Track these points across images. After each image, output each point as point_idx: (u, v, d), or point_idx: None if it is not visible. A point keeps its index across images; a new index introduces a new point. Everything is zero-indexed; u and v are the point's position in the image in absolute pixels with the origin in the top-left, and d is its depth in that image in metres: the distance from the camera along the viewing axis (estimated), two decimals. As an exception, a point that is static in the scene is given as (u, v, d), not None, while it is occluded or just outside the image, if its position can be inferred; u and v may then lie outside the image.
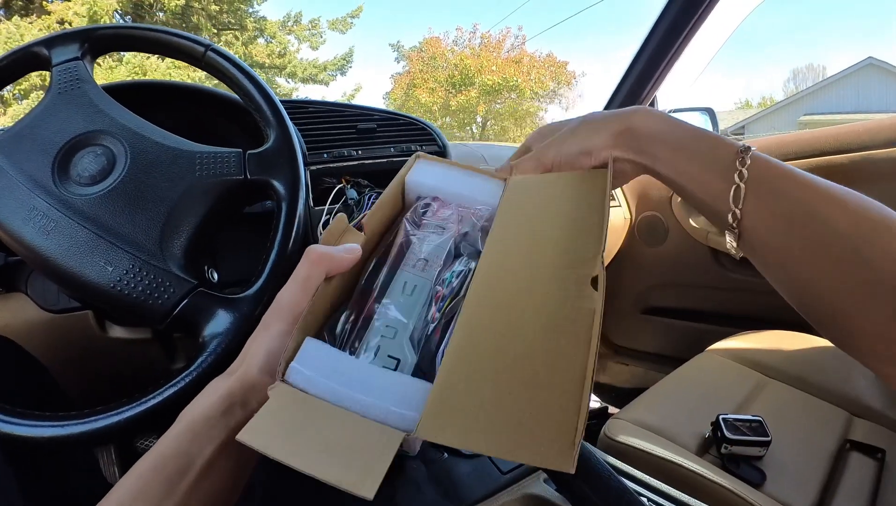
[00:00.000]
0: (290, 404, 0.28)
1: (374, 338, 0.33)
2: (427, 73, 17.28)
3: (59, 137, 0.51)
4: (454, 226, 0.39)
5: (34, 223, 0.46)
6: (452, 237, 0.38)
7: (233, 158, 0.52)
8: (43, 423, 0.42)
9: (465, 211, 0.40)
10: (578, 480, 0.38)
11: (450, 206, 0.41)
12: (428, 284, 0.35)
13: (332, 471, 0.25)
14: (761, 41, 64.42)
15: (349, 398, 0.28)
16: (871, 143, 0.95)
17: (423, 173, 0.43)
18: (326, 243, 0.35)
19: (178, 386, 0.43)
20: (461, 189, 0.42)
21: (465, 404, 0.27)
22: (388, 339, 0.33)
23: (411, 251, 0.37)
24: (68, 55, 0.55)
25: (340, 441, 0.26)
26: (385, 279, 0.36)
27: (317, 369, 0.30)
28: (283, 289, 0.34)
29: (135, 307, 0.45)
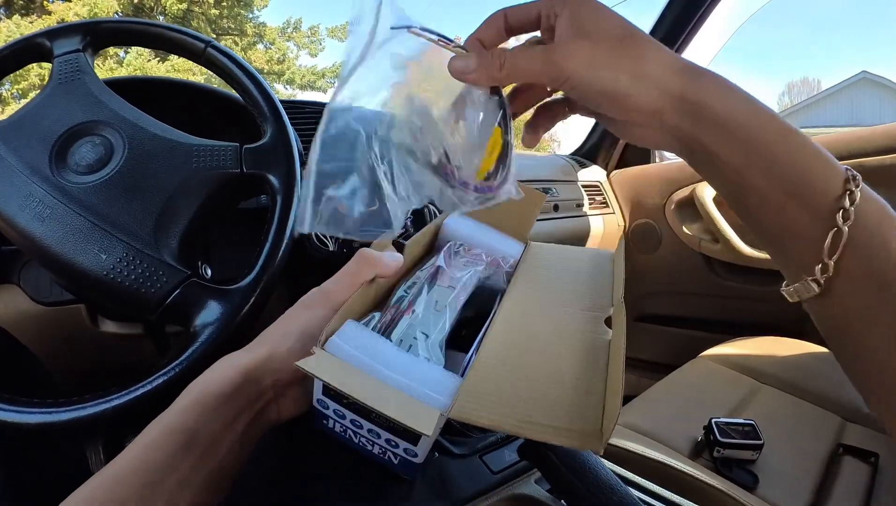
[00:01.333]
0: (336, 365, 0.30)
1: (404, 338, 0.36)
2: (425, 81, 17.35)
3: (58, 126, 0.51)
4: (483, 265, 0.44)
5: (30, 210, 0.46)
6: (479, 274, 0.43)
7: (229, 151, 0.52)
8: (30, 409, 0.42)
9: (492, 257, 0.46)
10: (570, 475, 0.38)
11: (479, 252, 0.46)
12: (455, 305, 0.39)
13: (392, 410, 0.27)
14: (756, 54, 65.17)
15: (386, 377, 0.30)
16: (863, 151, 0.96)
17: (457, 224, 0.49)
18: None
19: (168, 376, 0.43)
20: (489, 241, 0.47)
21: (497, 393, 0.30)
22: (417, 341, 0.35)
23: (444, 276, 0.41)
24: (70, 47, 0.55)
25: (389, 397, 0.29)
26: (416, 292, 0.39)
27: (357, 347, 0.31)
28: (330, 279, 0.37)
29: (127, 296, 0.45)
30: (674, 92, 0.28)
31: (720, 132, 0.28)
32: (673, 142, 0.31)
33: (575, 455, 0.39)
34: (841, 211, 0.25)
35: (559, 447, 0.38)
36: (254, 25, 12.30)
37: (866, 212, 0.26)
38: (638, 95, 0.28)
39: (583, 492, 0.37)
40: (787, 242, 0.28)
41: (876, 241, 0.25)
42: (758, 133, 0.28)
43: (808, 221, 0.26)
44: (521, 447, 0.44)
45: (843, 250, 0.25)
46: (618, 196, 1.41)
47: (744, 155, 0.28)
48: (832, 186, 0.26)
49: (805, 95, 23.66)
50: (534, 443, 0.37)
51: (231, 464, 0.33)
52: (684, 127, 0.29)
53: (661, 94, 0.28)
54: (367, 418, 0.34)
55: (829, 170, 0.27)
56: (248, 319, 0.46)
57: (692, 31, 1.18)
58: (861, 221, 0.25)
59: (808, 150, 0.27)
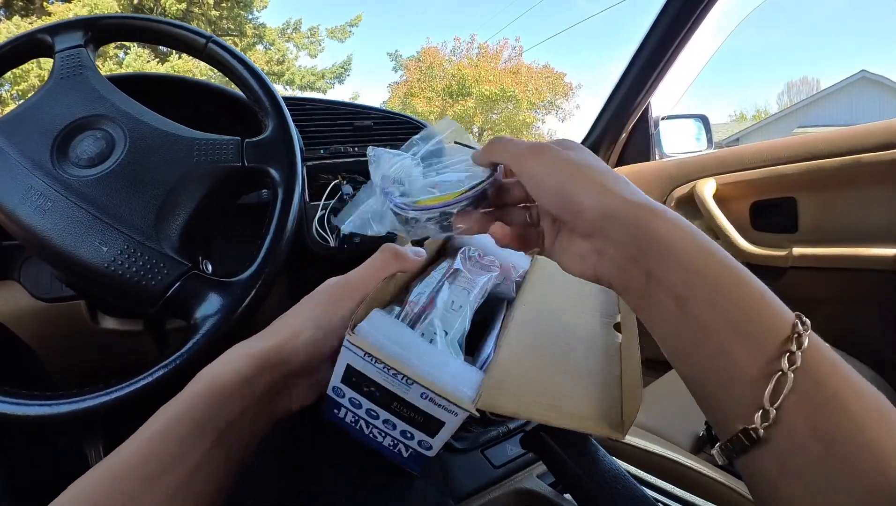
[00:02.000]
0: (380, 343, 0.32)
1: (425, 332, 0.37)
2: (424, 82, 17.37)
3: (60, 120, 0.51)
4: (497, 271, 0.46)
5: (31, 202, 0.46)
6: (492, 279, 0.45)
7: (231, 145, 0.52)
8: (29, 401, 0.42)
9: (505, 265, 0.48)
10: (576, 467, 0.38)
11: (493, 258, 0.48)
12: (472, 305, 0.41)
13: (437, 381, 0.30)
14: (756, 54, 65.25)
15: (413, 365, 0.32)
16: (862, 147, 0.96)
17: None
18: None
19: (169, 368, 0.43)
20: (499, 249, 0.49)
21: (519, 385, 0.32)
22: (437, 336, 0.37)
23: (461, 277, 0.43)
24: (71, 42, 0.56)
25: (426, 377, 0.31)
26: (436, 289, 0.41)
27: (385, 335, 0.33)
28: (354, 271, 0.37)
29: (128, 288, 0.45)
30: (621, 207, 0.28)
31: (664, 255, 0.27)
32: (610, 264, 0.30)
33: (580, 447, 0.39)
34: (787, 354, 0.23)
35: (563, 439, 0.38)
36: (253, 26, 12.31)
37: (815, 359, 0.23)
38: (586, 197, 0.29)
39: (588, 484, 0.37)
40: (725, 387, 0.25)
41: (826, 392, 0.23)
42: (703, 262, 0.26)
43: (751, 362, 0.24)
44: (523, 439, 0.44)
45: (787, 398, 0.23)
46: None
47: (687, 283, 0.26)
48: (779, 326, 0.24)
49: (804, 95, 23.67)
50: (537, 434, 0.37)
51: (240, 455, 0.32)
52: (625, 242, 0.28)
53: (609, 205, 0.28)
54: (387, 408, 0.35)
55: (776, 310, 0.25)
56: (249, 311, 0.46)
57: (688, 33, 1.18)
58: (809, 369, 0.23)
59: (755, 287, 0.26)
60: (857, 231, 1.01)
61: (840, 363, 0.24)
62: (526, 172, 0.32)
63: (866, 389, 0.23)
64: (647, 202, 0.28)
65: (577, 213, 0.29)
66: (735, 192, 1.16)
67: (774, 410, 0.23)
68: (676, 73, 1.28)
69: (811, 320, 0.25)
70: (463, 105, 16.34)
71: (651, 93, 1.31)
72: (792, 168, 1.05)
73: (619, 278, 0.29)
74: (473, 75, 16.38)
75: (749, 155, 1.12)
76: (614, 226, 0.28)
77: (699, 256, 0.26)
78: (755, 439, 0.24)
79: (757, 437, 0.24)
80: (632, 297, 0.29)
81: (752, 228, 1.16)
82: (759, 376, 0.24)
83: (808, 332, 0.24)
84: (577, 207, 0.29)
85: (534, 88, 17.01)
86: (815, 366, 0.23)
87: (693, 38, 1.20)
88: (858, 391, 0.23)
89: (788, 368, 0.23)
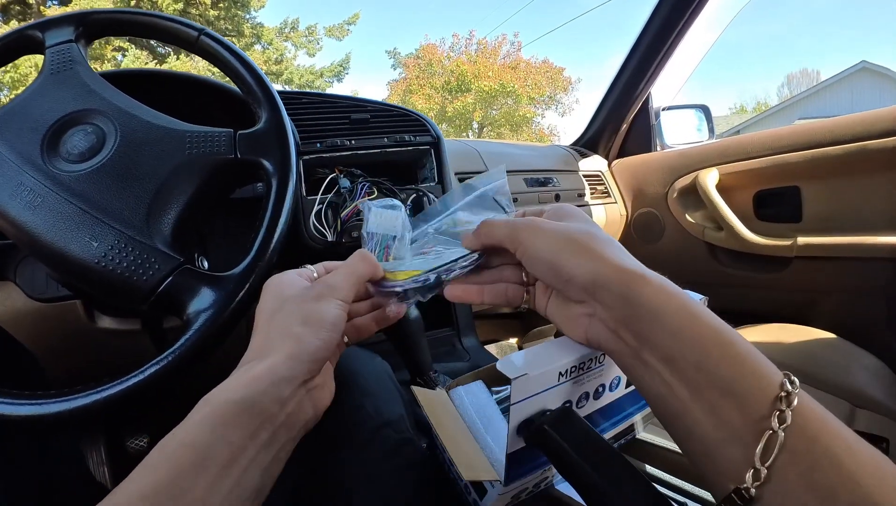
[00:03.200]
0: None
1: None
2: (423, 79, 17.37)
3: (50, 116, 0.50)
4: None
5: (21, 198, 0.45)
6: None
7: (224, 137, 0.51)
8: (21, 401, 0.41)
9: None
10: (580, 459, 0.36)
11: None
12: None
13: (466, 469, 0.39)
14: (756, 46, 65.02)
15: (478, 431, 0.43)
16: (866, 134, 0.95)
17: None
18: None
19: (162, 364, 0.42)
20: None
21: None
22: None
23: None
24: (62, 38, 0.55)
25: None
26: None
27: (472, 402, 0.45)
28: (333, 274, 0.38)
29: (119, 284, 0.44)
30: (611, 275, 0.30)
31: (652, 320, 0.28)
32: (602, 328, 0.31)
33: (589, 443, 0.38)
34: (777, 413, 0.24)
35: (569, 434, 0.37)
36: (251, 26, 12.30)
37: (805, 417, 0.24)
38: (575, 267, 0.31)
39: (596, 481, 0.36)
40: (716, 447, 0.26)
41: (817, 448, 0.23)
42: (690, 325, 0.27)
43: (741, 422, 0.25)
44: (529, 434, 0.42)
45: (779, 457, 0.23)
46: (619, 185, 1.40)
47: (675, 345, 0.27)
48: (767, 386, 0.25)
49: (805, 87, 23.59)
50: (542, 429, 0.36)
51: (256, 481, 0.30)
52: (615, 308, 0.29)
53: (599, 273, 0.30)
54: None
55: (764, 369, 0.26)
56: (243, 306, 0.45)
57: (688, 22, 1.17)
58: (799, 426, 0.24)
59: (742, 348, 0.26)
60: (861, 220, 1.00)
61: (831, 419, 0.24)
62: (519, 249, 0.34)
63: (859, 442, 0.24)
64: (636, 268, 0.30)
65: (568, 281, 0.31)
66: (738, 181, 1.15)
67: (766, 468, 0.23)
68: (676, 63, 1.27)
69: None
70: (462, 101, 16.33)
71: (651, 83, 1.29)
72: (795, 157, 1.04)
73: (610, 342, 0.30)
74: (472, 71, 16.36)
75: (752, 144, 1.11)
76: (604, 292, 0.30)
77: (686, 319, 0.27)
78: (747, 498, 0.24)
79: (749, 496, 0.24)
80: (623, 359, 0.30)
81: (755, 217, 1.15)
82: (749, 436, 0.24)
83: (796, 390, 0.24)
84: (568, 276, 0.31)
85: (533, 83, 16.99)
86: (805, 423, 0.24)
87: (692, 28, 1.19)
88: (851, 445, 0.23)
89: (779, 426, 0.23)
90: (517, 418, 0.34)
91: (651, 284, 0.29)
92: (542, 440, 0.35)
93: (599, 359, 0.37)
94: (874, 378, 0.91)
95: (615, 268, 0.30)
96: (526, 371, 0.32)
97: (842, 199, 1.02)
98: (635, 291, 0.29)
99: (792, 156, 1.04)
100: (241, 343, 0.36)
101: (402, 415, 0.49)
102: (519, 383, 0.32)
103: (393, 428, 0.47)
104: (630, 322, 0.29)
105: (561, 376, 0.35)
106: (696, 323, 0.27)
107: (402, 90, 17.67)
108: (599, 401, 0.41)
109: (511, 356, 0.34)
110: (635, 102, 1.34)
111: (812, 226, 1.06)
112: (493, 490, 0.40)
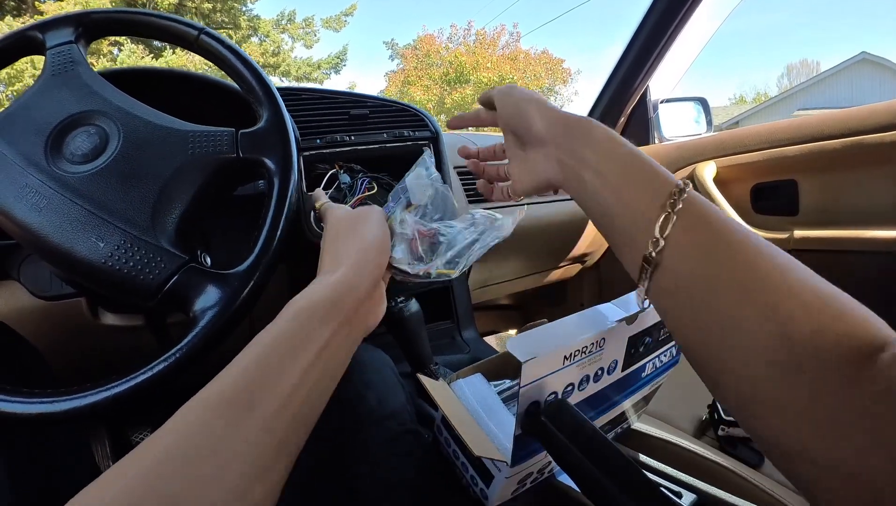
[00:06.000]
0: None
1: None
2: (422, 70, 17.27)
3: (53, 118, 0.50)
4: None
5: (26, 200, 0.46)
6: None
7: (225, 136, 0.51)
8: (30, 400, 0.42)
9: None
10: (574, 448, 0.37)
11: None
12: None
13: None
14: (756, 36, 64.60)
15: (481, 419, 0.45)
16: (863, 128, 0.95)
17: None
18: None
19: (169, 362, 0.43)
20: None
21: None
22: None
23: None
24: (62, 38, 0.55)
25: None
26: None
27: (473, 394, 0.47)
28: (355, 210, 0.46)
29: (125, 283, 0.45)
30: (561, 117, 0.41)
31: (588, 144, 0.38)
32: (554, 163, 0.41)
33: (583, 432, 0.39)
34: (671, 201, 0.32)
35: (564, 423, 0.38)
36: (248, 18, 12.21)
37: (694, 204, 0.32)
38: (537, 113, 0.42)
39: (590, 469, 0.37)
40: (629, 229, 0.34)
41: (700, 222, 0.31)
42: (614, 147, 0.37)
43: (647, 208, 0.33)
44: (525, 423, 0.44)
45: (675, 228, 0.31)
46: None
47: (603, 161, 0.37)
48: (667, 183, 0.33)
49: (804, 77, 23.48)
50: (538, 418, 0.37)
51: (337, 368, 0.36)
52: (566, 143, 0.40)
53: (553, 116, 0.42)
54: (462, 451, 0.46)
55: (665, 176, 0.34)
56: (248, 302, 0.46)
57: (686, 14, 1.16)
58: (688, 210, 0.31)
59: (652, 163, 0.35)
60: (858, 213, 1.00)
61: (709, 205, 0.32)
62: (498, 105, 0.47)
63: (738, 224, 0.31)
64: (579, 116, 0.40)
65: (529, 125, 0.43)
66: (735, 174, 1.15)
67: (663, 239, 0.31)
68: (675, 55, 1.27)
69: None
70: (461, 92, 16.24)
71: (650, 75, 1.29)
72: (793, 150, 1.04)
73: (561, 173, 0.40)
74: (471, 62, 16.27)
75: (749, 137, 1.11)
76: (557, 129, 0.40)
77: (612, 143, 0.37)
78: (651, 260, 0.32)
79: (651, 258, 0.32)
80: (569, 184, 0.40)
81: (753, 210, 1.15)
82: (653, 216, 0.32)
83: (688, 188, 0.32)
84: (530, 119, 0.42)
85: (532, 75, 16.91)
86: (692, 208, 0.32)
87: (691, 20, 1.18)
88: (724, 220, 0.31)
89: (672, 210, 0.31)
90: (526, 401, 0.36)
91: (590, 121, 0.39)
92: (538, 430, 0.36)
93: (599, 343, 0.41)
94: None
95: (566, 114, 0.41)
96: (535, 355, 0.35)
97: (838, 193, 1.02)
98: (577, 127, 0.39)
99: (789, 149, 1.04)
100: (243, 339, 0.37)
101: (405, 407, 0.50)
102: (529, 367, 0.35)
103: (396, 419, 0.48)
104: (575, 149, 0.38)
105: (565, 360, 0.38)
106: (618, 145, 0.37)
107: (400, 82, 17.59)
108: (599, 383, 0.43)
109: (518, 338, 0.37)
110: (633, 95, 1.34)
111: (808, 219, 1.07)
112: (499, 474, 0.42)
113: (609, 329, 0.41)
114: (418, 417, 0.52)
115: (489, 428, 0.44)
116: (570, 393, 0.40)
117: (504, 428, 0.44)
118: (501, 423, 0.45)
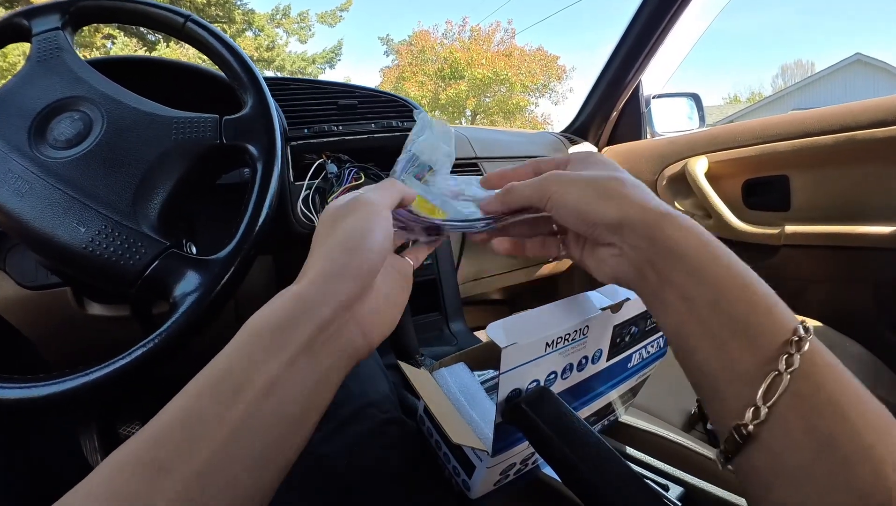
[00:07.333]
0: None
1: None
2: (416, 66, 17.24)
3: (37, 103, 0.50)
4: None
5: (8, 185, 0.46)
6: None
7: (209, 123, 0.51)
8: (10, 385, 0.42)
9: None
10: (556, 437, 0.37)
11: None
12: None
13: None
14: (750, 36, 64.87)
15: (463, 407, 0.44)
16: (855, 124, 0.96)
17: None
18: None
19: (148, 347, 0.42)
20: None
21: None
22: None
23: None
24: (48, 25, 0.55)
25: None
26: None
27: (456, 382, 0.46)
28: (368, 188, 0.35)
29: (106, 268, 0.44)
30: (637, 215, 0.30)
31: (674, 258, 0.28)
32: (628, 266, 0.31)
33: (564, 422, 0.39)
34: (785, 356, 0.24)
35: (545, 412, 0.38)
36: (242, 12, 12.14)
37: (814, 364, 0.24)
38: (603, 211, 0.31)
39: (571, 459, 0.36)
40: (723, 386, 0.26)
41: (822, 395, 0.23)
42: (709, 265, 0.28)
43: (749, 362, 0.25)
44: (505, 411, 0.43)
45: (782, 398, 0.24)
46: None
47: (692, 284, 0.28)
48: (780, 330, 0.25)
49: (799, 78, 23.60)
50: (519, 407, 0.37)
51: (300, 405, 0.28)
52: (640, 247, 0.30)
53: (625, 213, 0.31)
54: (444, 441, 0.45)
55: (778, 315, 0.26)
56: (228, 288, 0.46)
57: (679, 10, 1.16)
58: (807, 372, 0.24)
59: (760, 292, 0.27)
60: (849, 209, 1.01)
61: (841, 370, 0.24)
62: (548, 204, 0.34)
63: (868, 396, 0.24)
64: (660, 207, 0.30)
65: (595, 225, 0.32)
66: (727, 170, 1.16)
67: (767, 408, 0.24)
68: (667, 50, 1.27)
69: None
70: (455, 88, 16.23)
71: (642, 70, 1.29)
72: (784, 146, 1.04)
73: (636, 280, 0.31)
74: (466, 59, 16.26)
75: (741, 133, 1.12)
76: (629, 232, 0.30)
77: (706, 259, 0.28)
78: (745, 435, 0.24)
79: (747, 433, 0.24)
80: (646, 296, 0.31)
81: (744, 206, 1.16)
82: (755, 376, 0.24)
83: (809, 336, 0.24)
84: (596, 220, 0.32)
85: (527, 71, 16.90)
86: (813, 369, 0.24)
87: (684, 15, 1.18)
88: (858, 397, 0.23)
89: (785, 369, 0.24)
90: (506, 388, 0.35)
91: (674, 223, 0.29)
92: (518, 418, 0.36)
93: (583, 331, 0.38)
94: (861, 367, 0.93)
95: (641, 208, 0.30)
96: (515, 340, 0.33)
97: (830, 188, 1.03)
98: (661, 230, 0.29)
99: (781, 145, 1.05)
100: (229, 326, 0.36)
101: (388, 396, 0.50)
102: (508, 353, 0.33)
103: (378, 408, 0.47)
104: (654, 260, 0.29)
105: (547, 347, 0.36)
106: (716, 263, 0.28)
107: (394, 77, 17.54)
108: (583, 373, 0.42)
109: (498, 323, 0.34)
110: (626, 90, 1.34)
111: (800, 215, 1.07)
112: (481, 464, 0.41)
113: (593, 316, 0.40)
114: (403, 408, 0.52)
115: (471, 417, 0.43)
116: (552, 381, 0.39)
117: (486, 417, 0.43)
118: (484, 412, 0.44)
